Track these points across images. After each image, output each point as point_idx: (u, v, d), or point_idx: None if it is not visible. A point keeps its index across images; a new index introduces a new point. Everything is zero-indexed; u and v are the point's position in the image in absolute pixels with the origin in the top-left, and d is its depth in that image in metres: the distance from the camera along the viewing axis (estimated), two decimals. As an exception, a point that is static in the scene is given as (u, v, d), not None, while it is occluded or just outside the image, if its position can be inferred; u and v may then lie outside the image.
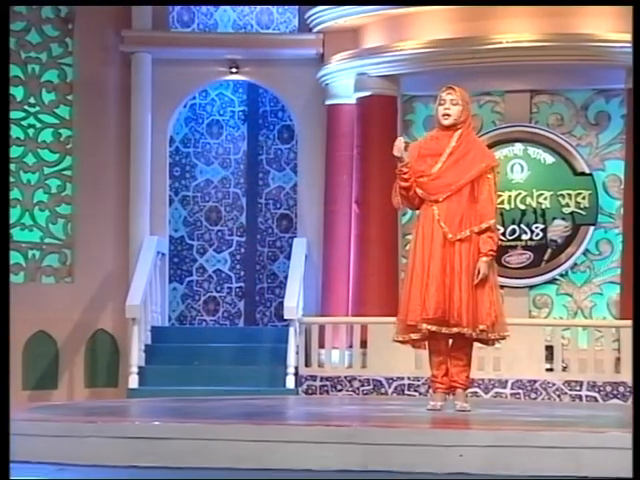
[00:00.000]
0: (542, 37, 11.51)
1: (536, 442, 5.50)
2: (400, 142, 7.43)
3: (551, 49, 11.52)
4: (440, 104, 7.55)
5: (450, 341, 7.44)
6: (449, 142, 7.45)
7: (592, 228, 12.08)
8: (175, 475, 5.49)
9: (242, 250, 13.72)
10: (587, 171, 12.08)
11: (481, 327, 7.28)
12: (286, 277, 13.53)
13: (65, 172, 12.89)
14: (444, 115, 7.48)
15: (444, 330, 7.30)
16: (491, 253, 7.38)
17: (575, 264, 12.14)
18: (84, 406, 8.32)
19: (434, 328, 7.28)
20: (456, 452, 5.45)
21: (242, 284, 13.71)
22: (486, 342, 7.54)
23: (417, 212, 7.63)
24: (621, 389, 10.98)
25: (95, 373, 12.72)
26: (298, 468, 5.49)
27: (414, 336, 7.42)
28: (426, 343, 7.52)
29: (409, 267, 7.54)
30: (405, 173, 7.36)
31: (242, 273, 13.71)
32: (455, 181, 7.35)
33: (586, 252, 12.13)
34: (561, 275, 12.13)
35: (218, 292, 13.71)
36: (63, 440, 5.96)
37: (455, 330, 7.28)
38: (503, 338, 7.59)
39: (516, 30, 11.57)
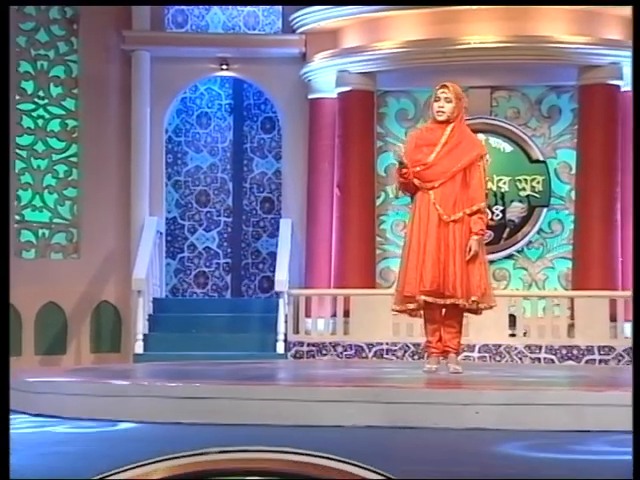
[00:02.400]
0: (505, 39, 11.53)
1: (543, 400, 5.55)
2: (401, 151, 7.48)
3: (512, 49, 11.53)
4: (435, 101, 7.55)
5: (443, 311, 7.47)
6: (443, 134, 7.47)
7: (545, 209, 12.14)
8: (217, 431, 5.46)
9: (229, 229, 13.65)
10: (541, 159, 12.12)
11: (473, 298, 7.31)
12: (269, 254, 13.54)
13: (71, 159, 12.76)
14: (438, 112, 7.49)
15: (439, 301, 7.33)
16: (481, 232, 7.42)
17: (530, 242, 12.20)
18: (113, 369, 8.23)
19: (430, 299, 7.30)
20: (472, 410, 5.49)
21: (229, 260, 13.64)
22: (475, 311, 7.57)
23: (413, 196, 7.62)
24: (575, 352, 11.06)
25: (100, 340, 12.62)
26: (329, 424, 5.49)
27: (411, 306, 7.44)
28: (421, 312, 7.55)
29: (406, 245, 7.55)
30: (405, 174, 7.36)
31: (229, 250, 13.65)
32: (449, 168, 7.37)
33: (540, 231, 12.19)
34: (518, 251, 12.18)
35: (207, 267, 13.63)
36: (111, 399, 5.92)
37: (450, 301, 7.31)
38: (490, 308, 7.62)
39: (482, 32, 11.56)
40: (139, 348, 11.35)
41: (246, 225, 13.66)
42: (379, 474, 3.42)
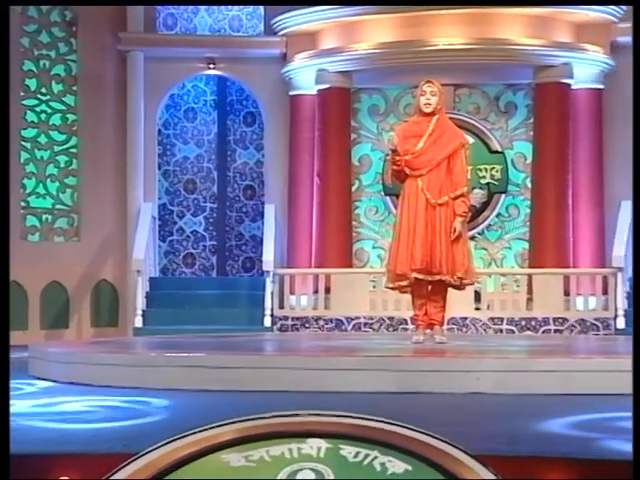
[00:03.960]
0: (469, 41, 11.50)
1: (537, 367, 5.53)
2: (395, 138, 7.38)
3: (475, 51, 11.52)
4: (421, 95, 7.47)
5: (429, 287, 7.43)
6: (428, 125, 7.41)
7: (503, 196, 12.15)
8: (239, 397, 5.39)
9: (214, 214, 13.53)
10: (499, 150, 12.13)
11: (458, 274, 7.28)
12: (251, 236, 13.46)
13: (72, 150, 12.57)
14: (425, 104, 7.42)
15: (428, 278, 7.29)
16: (464, 214, 7.39)
17: (490, 225, 12.21)
18: (128, 341, 8.13)
19: (420, 276, 7.26)
20: (473, 376, 5.46)
21: (214, 242, 13.53)
22: (459, 287, 7.52)
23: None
24: (532, 323, 11.09)
25: (99, 315, 12.47)
26: (342, 391, 5.44)
27: (402, 283, 7.38)
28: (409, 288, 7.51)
29: (397, 228, 7.50)
30: (398, 161, 7.31)
31: (214, 233, 13.54)
32: (435, 157, 7.33)
33: (498, 215, 12.21)
34: (479, 233, 12.18)
35: (195, 249, 13.51)
36: (138, 369, 5.82)
37: (437, 277, 7.28)
38: (472, 284, 7.62)
39: (448, 35, 11.53)
40: (139, 322, 11.23)
41: (230, 210, 13.55)
42: (426, 434, 3.39)
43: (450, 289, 7.47)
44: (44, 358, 6.51)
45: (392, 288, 7.51)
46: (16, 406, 4.76)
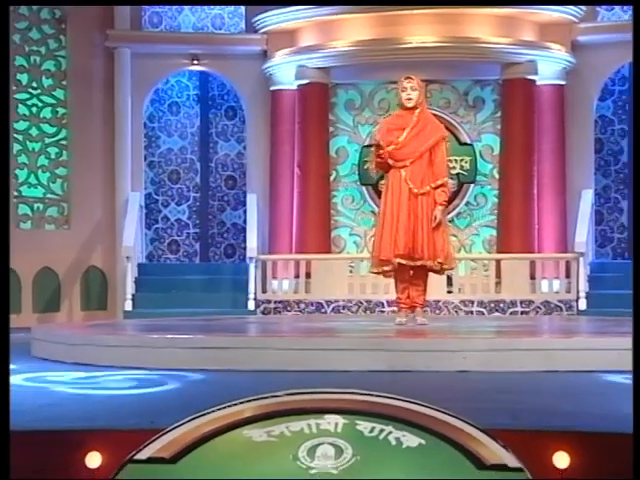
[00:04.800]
0: (441, 39, 11.51)
1: (519, 346, 5.57)
2: (377, 134, 7.43)
3: (446, 48, 11.52)
4: (403, 90, 7.50)
5: (411, 272, 7.46)
6: (411, 119, 7.44)
7: (472, 185, 12.20)
8: (238, 376, 5.39)
9: (197, 203, 13.46)
10: (468, 142, 12.17)
11: (438, 260, 7.32)
12: (232, 224, 13.42)
13: (62, 142, 12.44)
14: (407, 99, 7.45)
15: (410, 263, 7.32)
16: (444, 203, 7.43)
17: (459, 212, 12.25)
18: (125, 324, 8.09)
19: (403, 261, 7.29)
20: (460, 355, 5.49)
21: (197, 230, 13.47)
22: (439, 272, 7.57)
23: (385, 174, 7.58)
24: (501, 305, 11.17)
25: (89, 299, 12.39)
26: (338, 369, 5.45)
27: (386, 268, 7.41)
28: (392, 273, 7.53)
29: (380, 216, 7.52)
30: (382, 154, 7.32)
31: (197, 221, 13.47)
32: (417, 148, 7.35)
33: (467, 203, 12.26)
34: (449, 221, 12.13)
35: (179, 236, 13.44)
36: (141, 350, 5.80)
37: (419, 263, 7.31)
38: (452, 269, 7.65)
39: (421, 33, 11.54)
40: (128, 306, 11.19)
41: (212, 200, 13.49)
42: (437, 410, 3.41)
43: (430, 273, 7.51)
44: (49, 340, 6.48)
45: (376, 273, 7.53)
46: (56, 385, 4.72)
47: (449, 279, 11.08)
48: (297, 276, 11.48)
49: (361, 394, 3.43)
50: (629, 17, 12.45)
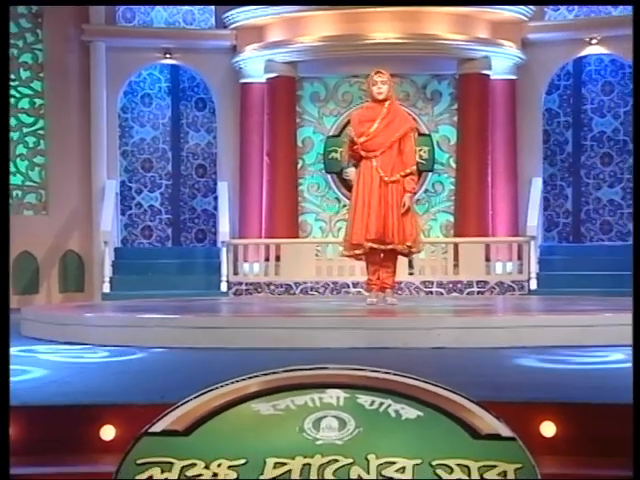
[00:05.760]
0: (401, 36, 11.54)
1: (490, 324, 5.63)
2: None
3: (407, 44, 11.55)
4: (373, 84, 7.48)
5: (382, 255, 7.48)
6: (381, 110, 7.43)
7: (430, 174, 12.26)
8: (223, 353, 5.38)
9: (169, 190, 13.36)
10: (427, 132, 12.22)
11: (407, 244, 7.34)
12: (202, 210, 13.34)
13: (39, 131, 12.31)
14: (378, 92, 7.44)
15: (381, 247, 7.33)
16: (413, 190, 7.45)
17: (418, 199, 12.26)
18: (107, 304, 8.01)
19: (374, 245, 7.30)
20: (435, 333, 5.52)
21: (170, 216, 13.38)
22: (407, 255, 7.61)
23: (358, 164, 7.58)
24: (459, 286, 11.27)
25: (66, 282, 12.28)
26: (320, 347, 5.46)
27: (358, 251, 7.41)
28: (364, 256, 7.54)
29: (352, 202, 7.51)
30: (356, 149, 7.33)
31: (169, 207, 13.37)
32: (388, 139, 7.35)
33: (426, 191, 12.32)
34: (409, 207, 12.26)
35: (152, 222, 13.34)
36: (131, 329, 5.76)
37: (389, 247, 7.32)
38: (419, 252, 7.68)
39: (383, 30, 11.55)
40: (106, 288, 11.11)
41: (183, 187, 13.40)
42: (432, 384, 3.43)
43: (399, 256, 7.54)
44: (39, 320, 6.41)
45: (349, 256, 7.54)
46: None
47: (410, 262, 11.14)
48: (267, 259, 11.47)
49: (360, 369, 3.45)
50: (573, 17, 12.59)
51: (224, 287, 11.15)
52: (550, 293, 10.42)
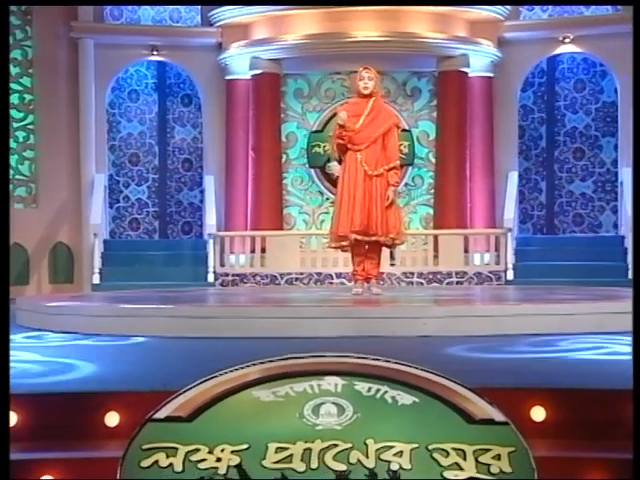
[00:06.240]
0: (383, 34, 11.53)
1: (472, 313, 5.65)
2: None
3: (388, 42, 11.54)
4: (360, 79, 7.48)
5: (367, 246, 7.48)
6: (366, 106, 7.42)
7: (410, 168, 12.28)
8: (217, 342, 5.36)
9: (156, 184, 13.30)
10: (407, 128, 12.22)
11: (391, 235, 7.34)
12: (189, 203, 13.29)
13: (29, 126, 12.24)
14: (364, 87, 7.44)
15: (366, 238, 7.33)
16: (396, 184, 7.45)
17: (399, 193, 12.22)
18: (99, 295, 7.97)
19: (359, 237, 7.30)
20: (421, 322, 5.54)
21: (157, 209, 13.31)
22: (391, 246, 7.62)
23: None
24: (438, 276, 11.30)
25: (56, 273, 12.22)
26: (310, 336, 5.46)
27: (344, 243, 7.41)
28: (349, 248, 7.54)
29: (338, 195, 7.50)
30: (345, 136, 7.30)
31: (156, 201, 13.31)
32: (372, 134, 7.34)
33: (406, 184, 12.34)
34: (390, 200, 12.26)
35: (139, 214, 13.27)
36: (127, 319, 5.73)
37: (373, 238, 7.33)
38: (402, 243, 7.69)
39: (365, 28, 11.55)
40: (96, 279, 11.05)
41: (170, 181, 13.34)
42: (426, 370, 3.44)
43: (383, 247, 7.55)
44: (34, 310, 6.37)
45: (335, 247, 7.54)
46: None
47: (391, 253, 11.16)
48: (253, 251, 11.46)
49: (356, 357, 3.46)
50: (547, 17, 12.64)
51: (211, 278, 11.12)
52: (526, 283, 10.48)
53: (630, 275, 11.11)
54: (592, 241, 12.17)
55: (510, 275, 11.26)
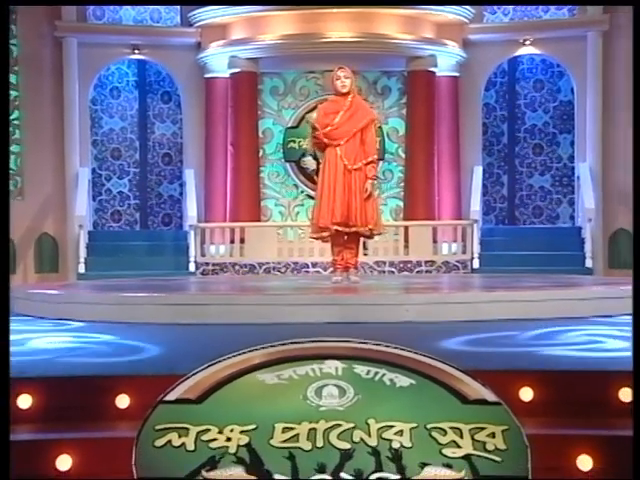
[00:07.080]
0: (355, 35, 11.52)
1: (451, 300, 5.68)
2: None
3: (360, 43, 11.53)
4: (337, 79, 7.47)
5: (346, 237, 7.49)
6: (344, 103, 7.42)
7: (381, 162, 12.28)
8: (206, 328, 5.34)
9: (137, 177, 13.19)
10: (378, 125, 12.21)
11: (369, 226, 7.35)
12: (169, 196, 13.20)
13: (15, 122, 12.03)
14: (342, 86, 7.43)
15: (345, 229, 7.33)
16: (374, 177, 7.45)
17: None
18: (88, 284, 7.89)
19: (339, 228, 7.30)
20: (403, 308, 5.56)
21: (137, 201, 13.21)
22: (369, 237, 7.61)
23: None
24: (409, 265, 11.35)
25: (42, 263, 12.08)
26: (296, 322, 5.46)
27: (324, 234, 7.39)
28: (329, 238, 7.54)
29: (319, 189, 7.48)
30: (318, 136, 7.31)
31: (137, 193, 13.20)
32: (351, 129, 7.34)
33: (377, 178, 12.29)
34: (366, 193, 12.26)
35: (121, 207, 13.16)
36: (122, 307, 5.69)
37: (353, 229, 7.33)
38: (380, 234, 7.70)
39: (339, 29, 11.53)
40: (82, 269, 10.96)
41: (150, 174, 13.24)
42: (421, 354, 3.46)
43: (362, 238, 7.57)
44: (31, 299, 6.30)
45: (315, 238, 7.54)
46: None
47: (364, 243, 11.18)
48: (232, 241, 11.42)
49: (355, 342, 3.47)
50: (509, 20, 12.71)
51: (192, 267, 11.07)
52: (491, 271, 10.56)
53: (588, 264, 11.25)
54: (551, 232, 12.29)
55: (476, 264, 11.34)
